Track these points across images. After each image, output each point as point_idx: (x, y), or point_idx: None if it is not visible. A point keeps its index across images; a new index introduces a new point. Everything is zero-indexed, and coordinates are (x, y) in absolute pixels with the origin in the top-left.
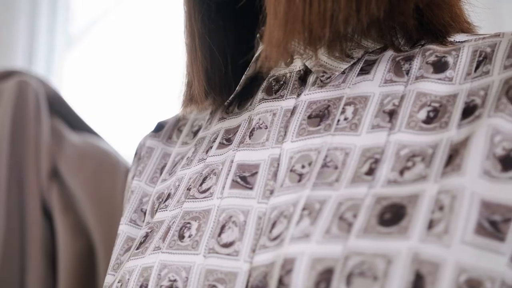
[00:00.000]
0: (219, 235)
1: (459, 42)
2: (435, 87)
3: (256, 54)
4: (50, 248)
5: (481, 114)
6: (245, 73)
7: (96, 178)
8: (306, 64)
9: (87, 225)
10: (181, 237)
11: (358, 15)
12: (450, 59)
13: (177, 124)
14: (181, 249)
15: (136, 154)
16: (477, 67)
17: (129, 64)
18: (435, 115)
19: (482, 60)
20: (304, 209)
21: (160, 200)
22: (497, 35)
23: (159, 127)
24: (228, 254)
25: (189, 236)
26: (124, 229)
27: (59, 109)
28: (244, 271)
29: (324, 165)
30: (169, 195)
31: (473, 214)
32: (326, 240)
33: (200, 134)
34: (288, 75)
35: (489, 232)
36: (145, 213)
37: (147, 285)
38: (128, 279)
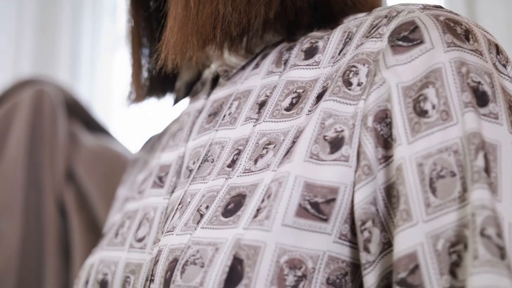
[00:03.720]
0: (137, 231)
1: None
2: (303, 74)
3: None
4: (65, 244)
5: (324, 97)
6: (179, 78)
7: (108, 178)
8: (213, 64)
9: (100, 223)
10: (116, 235)
11: (248, 16)
12: (320, 44)
13: (161, 135)
14: (114, 245)
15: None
16: (342, 49)
17: None
18: (297, 101)
19: (348, 41)
20: (180, 203)
21: None
22: (368, 13)
23: (149, 140)
24: (140, 248)
25: (121, 234)
26: None
27: (77, 113)
28: (147, 262)
29: (205, 160)
30: (127, 198)
31: (295, 198)
32: (182, 232)
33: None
34: (208, 77)
35: (311, 214)
36: None
37: (89, 279)
38: (81, 275)
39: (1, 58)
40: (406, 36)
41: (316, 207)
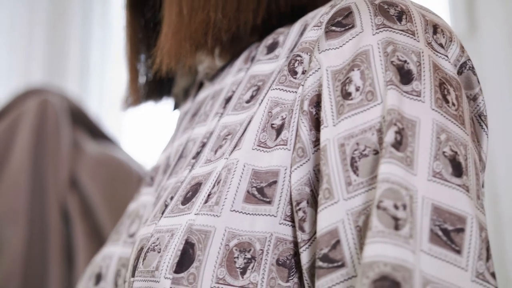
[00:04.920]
0: (129, 227)
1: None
2: (264, 67)
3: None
4: (68, 250)
5: (271, 87)
6: (175, 84)
7: (111, 185)
8: (198, 68)
9: (103, 229)
10: (116, 232)
11: (237, 23)
12: (281, 38)
13: None
14: (113, 241)
15: None
16: (298, 41)
17: None
18: (256, 94)
19: (304, 32)
20: (157, 197)
21: None
22: (325, 4)
23: None
24: (132, 243)
25: (119, 232)
26: None
27: (81, 120)
28: None
29: (181, 156)
30: None
31: (243, 184)
32: (150, 223)
33: None
34: (197, 80)
35: (258, 198)
36: None
37: (91, 273)
38: (87, 270)
39: (12, 69)
40: (340, 22)
41: (261, 191)
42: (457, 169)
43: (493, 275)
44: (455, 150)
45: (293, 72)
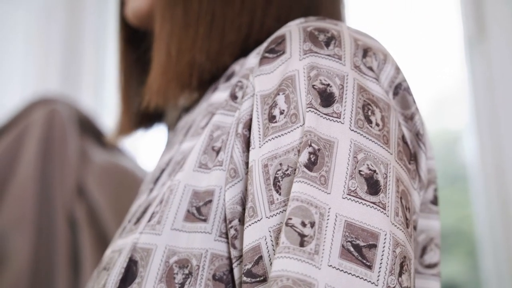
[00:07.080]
0: None
1: None
2: (220, 95)
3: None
4: (75, 258)
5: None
6: (167, 117)
7: (117, 193)
8: (179, 101)
9: (110, 238)
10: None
11: (217, 64)
12: (237, 68)
13: None
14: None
15: None
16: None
17: None
18: (210, 120)
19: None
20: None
21: None
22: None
23: None
24: None
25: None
26: None
27: (89, 129)
28: None
29: (149, 184)
30: None
31: (184, 204)
32: (112, 245)
33: None
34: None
35: (195, 217)
36: None
37: None
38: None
39: (27, 81)
40: (273, 48)
41: (198, 210)
42: (374, 187)
43: None
44: (373, 168)
45: (234, 97)
